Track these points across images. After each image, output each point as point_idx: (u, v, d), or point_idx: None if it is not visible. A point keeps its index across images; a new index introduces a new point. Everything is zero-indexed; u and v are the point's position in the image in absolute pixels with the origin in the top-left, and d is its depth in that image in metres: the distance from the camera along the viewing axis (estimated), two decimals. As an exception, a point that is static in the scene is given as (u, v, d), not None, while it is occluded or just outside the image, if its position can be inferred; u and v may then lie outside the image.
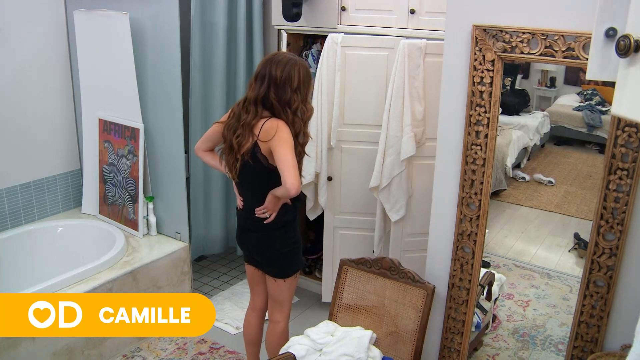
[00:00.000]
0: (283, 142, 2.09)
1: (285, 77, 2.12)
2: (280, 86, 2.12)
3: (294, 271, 2.38)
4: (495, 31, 1.86)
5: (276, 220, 2.27)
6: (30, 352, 2.49)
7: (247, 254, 2.46)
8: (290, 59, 2.17)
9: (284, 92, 2.13)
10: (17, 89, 3.17)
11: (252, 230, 2.33)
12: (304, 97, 2.19)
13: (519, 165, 2.98)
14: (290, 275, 2.37)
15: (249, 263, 2.47)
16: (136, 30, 3.05)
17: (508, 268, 2.81)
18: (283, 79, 2.12)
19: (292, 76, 2.13)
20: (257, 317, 2.57)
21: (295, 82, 2.14)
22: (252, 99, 2.16)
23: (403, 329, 2.23)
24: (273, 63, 2.15)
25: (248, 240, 2.39)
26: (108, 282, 2.81)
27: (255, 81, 2.17)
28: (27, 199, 3.31)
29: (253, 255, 2.41)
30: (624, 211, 1.77)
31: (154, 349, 2.98)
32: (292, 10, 2.88)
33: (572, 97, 2.87)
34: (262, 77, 2.15)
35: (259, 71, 2.17)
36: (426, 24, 2.73)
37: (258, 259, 2.40)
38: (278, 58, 2.17)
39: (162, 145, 3.23)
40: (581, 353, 1.97)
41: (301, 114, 2.18)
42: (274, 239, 2.30)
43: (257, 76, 2.17)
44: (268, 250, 2.32)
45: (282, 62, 2.14)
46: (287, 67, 2.13)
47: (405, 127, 2.71)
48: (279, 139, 2.10)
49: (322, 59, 2.86)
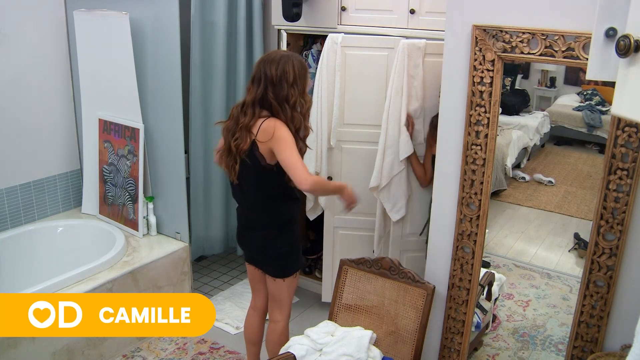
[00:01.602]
0: (283, 142, 2.10)
1: (281, 73, 2.13)
2: (277, 84, 2.13)
3: (293, 271, 2.38)
4: (495, 31, 1.86)
5: (275, 220, 2.27)
6: (30, 352, 2.49)
7: (247, 253, 2.46)
8: (283, 55, 2.18)
9: (281, 89, 2.14)
10: (17, 89, 3.17)
11: (251, 229, 2.34)
12: (301, 90, 2.19)
13: (519, 165, 2.98)
14: (289, 275, 2.36)
15: (249, 263, 2.47)
16: (136, 30, 3.05)
17: (508, 268, 2.81)
18: (279, 76, 2.13)
19: (287, 71, 2.14)
20: (258, 317, 2.57)
21: (291, 77, 2.14)
22: (250, 102, 2.18)
23: (403, 329, 2.23)
24: (267, 63, 2.16)
25: (248, 240, 2.39)
26: (108, 282, 2.81)
27: (252, 84, 2.19)
28: (27, 199, 3.31)
29: (253, 255, 2.42)
30: (624, 211, 1.77)
31: (154, 349, 2.98)
32: (292, 10, 2.88)
33: (572, 97, 2.87)
34: (258, 79, 2.16)
35: (255, 74, 2.18)
36: (426, 24, 2.73)
37: (258, 259, 2.40)
38: (271, 57, 2.18)
39: (162, 145, 3.22)
40: (581, 353, 1.97)
41: (300, 107, 2.19)
42: (273, 238, 2.30)
43: (254, 79, 2.19)
44: (267, 249, 2.32)
45: (275, 60, 2.15)
46: (280, 63, 2.14)
47: (403, 127, 2.72)
48: (279, 139, 2.10)
49: (322, 59, 2.86)
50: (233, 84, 3.38)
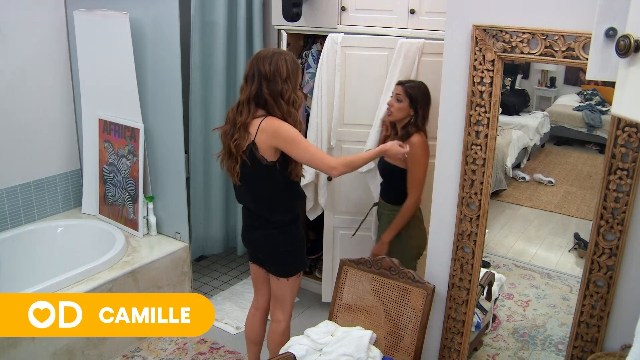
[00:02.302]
0: (292, 141, 2.14)
1: (274, 69, 2.14)
2: (271, 79, 2.14)
3: (297, 270, 2.39)
4: (495, 31, 1.86)
5: (279, 219, 2.28)
6: (30, 352, 2.49)
7: (251, 252, 2.47)
8: (276, 52, 2.20)
9: (275, 84, 2.15)
10: (17, 89, 3.17)
11: (255, 228, 2.34)
12: (294, 86, 2.21)
13: (519, 165, 2.98)
14: (293, 274, 2.38)
15: (253, 262, 2.48)
16: (136, 30, 3.05)
17: (508, 268, 2.81)
18: (272, 72, 2.14)
19: (280, 67, 2.15)
20: (260, 316, 2.58)
21: (284, 72, 2.15)
22: (244, 100, 2.19)
23: (403, 329, 2.23)
24: (259, 60, 2.17)
25: (251, 239, 2.40)
26: (108, 282, 2.81)
27: (246, 82, 2.19)
28: (27, 199, 3.31)
29: (257, 254, 2.42)
30: (624, 211, 1.77)
31: (154, 349, 2.98)
32: (292, 10, 2.88)
33: (572, 97, 2.87)
34: (252, 77, 2.17)
35: (248, 72, 2.19)
36: (426, 24, 2.73)
37: (262, 257, 2.41)
38: (263, 54, 2.19)
39: (162, 145, 3.23)
40: (581, 353, 1.97)
41: (293, 102, 2.21)
42: (276, 237, 2.30)
43: (247, 77, 2.19)
44: (270, 248, 2.33)
45: (267, 57, 2.16)
46: (273, 59, 2.15)
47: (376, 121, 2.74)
48: (287, 139, 2.13)
49: (322, 59, 2.86)
50: (233, 84, 3.38)
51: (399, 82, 2.58)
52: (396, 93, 2.54)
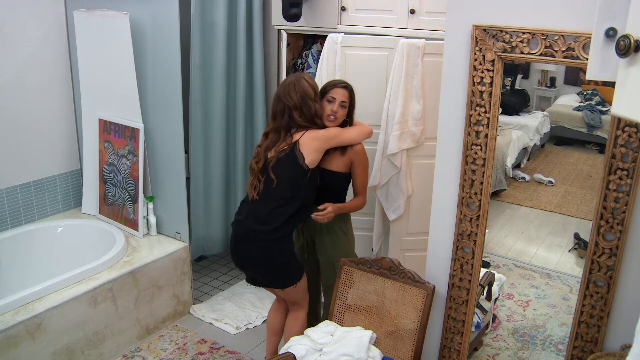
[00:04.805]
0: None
1: (301, 94, 2.25)
2: (303, 105, 2.26)
3: (299, 276, 2.44)
4: (495, 31, 1.86)
5: (277, 231, 2.31)
6: (30, 352, 2.49)
7: (247, 273, 2.50)
8: (291, 80, 2.30)
9: (308, 107, 2.27)
10: (17, 89, 3.17)
11: (249, 240, 2.36)
12: (320, 97, 2.36)
13: (519, 165, 2.98)
14: (297, 281, 2.43)
15: (254, 285, 2.52)
16: (136, 30, 3.05)
17: (508, 268, 2.81)
18: (301, 98, 2.25)
19: (305, 89, 2.26)
20: (283, 309, 2.65)
21: (311, 91, 2.28)
22: (274, 129, 2.31)
23: (403, 329, 2.23)
24: (283, 95, 2.28)
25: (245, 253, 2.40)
26: (108, 282, 2.81)
27: (274, 119, 2.31)
28: (27, 199, 3.31)
29: (252, 275, 2.45)
30: (624, 211, 1.77)
31: (154, 349, 2.98)
32: (290, 11, 2.88)
33: (572, 97, 2.87)
34: (281, 112, 2.28)
35: (275, 109, 2.31)
36: (426, 24, 2.73)
37: (258, 278, 2.44)
38: (282, 88, 2.31)
39: (162, 145, 3.23)
40: (581, 353, 1.97)
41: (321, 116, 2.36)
42: (271, 249, 2.34)
43: (275, 114, 2.31)
44: (267, 261, 2.36)
45: (289, 87, 2.28)
46: (297, 86, 2.26)
47: (395, 124, 2.73)
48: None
49: (322, 59, 2.87)
50: (233, 84, 3.38)
51: (343, 86, 2.44)
52: (341, 100, 2.40)
